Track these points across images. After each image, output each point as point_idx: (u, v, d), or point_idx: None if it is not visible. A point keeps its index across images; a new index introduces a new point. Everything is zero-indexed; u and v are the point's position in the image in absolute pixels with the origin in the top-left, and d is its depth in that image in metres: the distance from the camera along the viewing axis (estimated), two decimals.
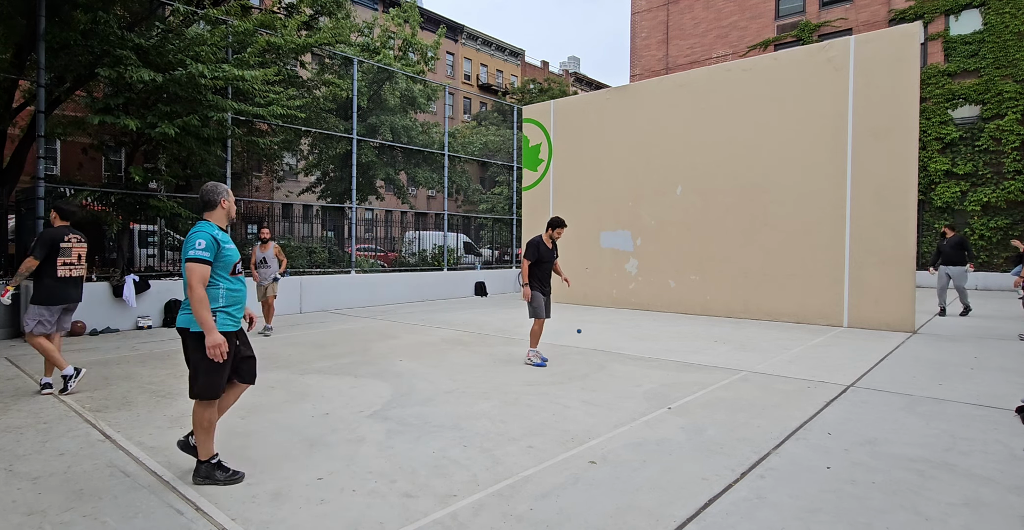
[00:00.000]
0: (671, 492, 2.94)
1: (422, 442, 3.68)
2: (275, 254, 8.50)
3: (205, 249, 2.99)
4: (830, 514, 2.71)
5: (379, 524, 2.61)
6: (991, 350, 7.05)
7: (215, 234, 3.09)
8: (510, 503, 2.81)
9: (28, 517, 2.68)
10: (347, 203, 16.11)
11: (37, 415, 4.30)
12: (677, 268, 11.03)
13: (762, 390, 5.04)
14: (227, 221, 3.29)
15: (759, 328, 8.90)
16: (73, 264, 5.17)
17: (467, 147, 22.41)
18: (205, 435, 3.10)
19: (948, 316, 10.50)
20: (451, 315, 10.61)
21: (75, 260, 5.19)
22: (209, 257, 3.00)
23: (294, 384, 5.26)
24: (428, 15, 32.60)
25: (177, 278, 10.00)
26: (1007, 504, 2.82)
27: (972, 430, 3.95)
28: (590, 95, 13.09)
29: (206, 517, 2.68)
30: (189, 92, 8.79)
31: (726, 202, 10.34)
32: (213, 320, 2.97)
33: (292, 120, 11.57)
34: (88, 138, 11.81)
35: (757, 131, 9.99)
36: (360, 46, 17.33)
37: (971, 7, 18.16)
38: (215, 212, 3.21)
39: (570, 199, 12.85)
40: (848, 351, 6.96)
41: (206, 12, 9.95)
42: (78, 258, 5.21)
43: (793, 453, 3.50)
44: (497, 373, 5.72)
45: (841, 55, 9.13)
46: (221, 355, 2.95)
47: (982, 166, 17.77)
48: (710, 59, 23.35)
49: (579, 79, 46.00)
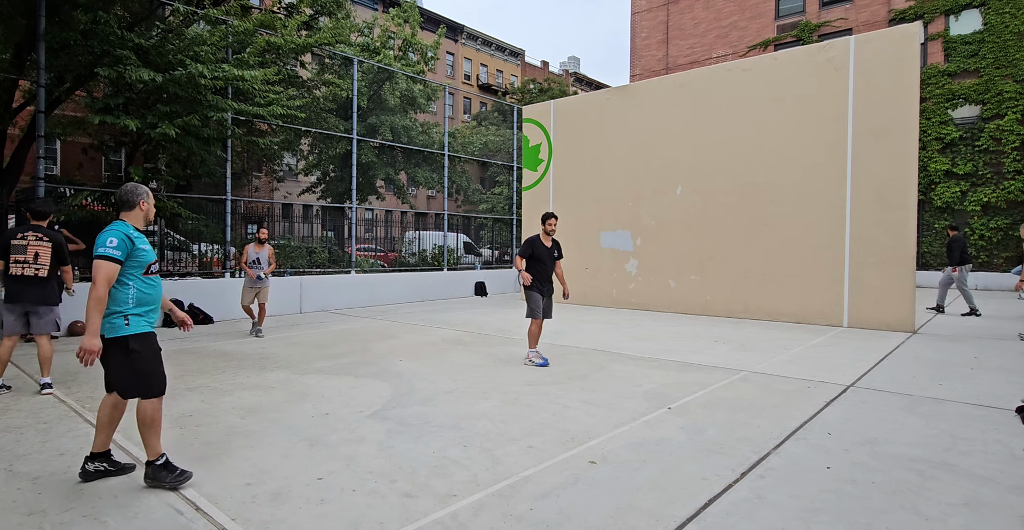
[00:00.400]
0: (671, 492, 2.94)
1: (422, 442, 3.68)
2: (268, 257, 8.31)
3: (116, 247, 2.96)
4: (830, 514, 2.71)
5: (379, 524, 2.61)
6: (991, 350, 7.05)
7: (129, 233, 3.05)
8: (510, 503, 2.82)
9: (28, 517, 2.68)
10: (347, 203, 16.12)
11: (37, 415, 4.30)
12: (677, 268, 11.03)
13: (762, 390, 5.04)
14: (145, 223, 3.25)
15: (759, 328, 8.90)
16: (27, 262, 4.98)
17: (467, 147, 22.41)
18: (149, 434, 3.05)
19: (948, 316, 10.51)
20: (451, 315, 10.61)
21: (30, 258, 4.99)
22: (120, 256, 2.97)
23: (294, 384, 5.26)
24: (428, 15, 32.61)
25: (178, 278, 10.01)
26: (1007, 504, 2.82)
27: (972, 430, 3.95)
28: (590, 95, 13.09)
29: (206, 517, 2.68)
30: (189, 92, 8.79)
31: (726, 202, 10.34)
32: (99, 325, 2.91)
33: (292, 120, 11.57)
34: (88, 138, 11.82)
35: (757, 131, 9.99)
36: (360, 46, 17.33)
37: (971, 7, 18.16)
38: (132, 213, 3.18)
39: (570, 199, 12.85)
40: (848, 351, 6.96)
41: (206, 12, 9.95)
42: (35, 257, 5.01)
43: (793, 453, 3.50)
44: (497, 373, 5.72)
45: (841, 55, 9.13)
46: (90, 361, 2.88)
47: (982, 166, 17.77)
48: (710, 59, 23.36)
49: (579, 79, 46.01)
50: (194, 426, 4.02)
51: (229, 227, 10.45)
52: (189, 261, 11.39)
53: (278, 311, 10.54)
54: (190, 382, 5.33)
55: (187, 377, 5.54)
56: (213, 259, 11.17)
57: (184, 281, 9.74)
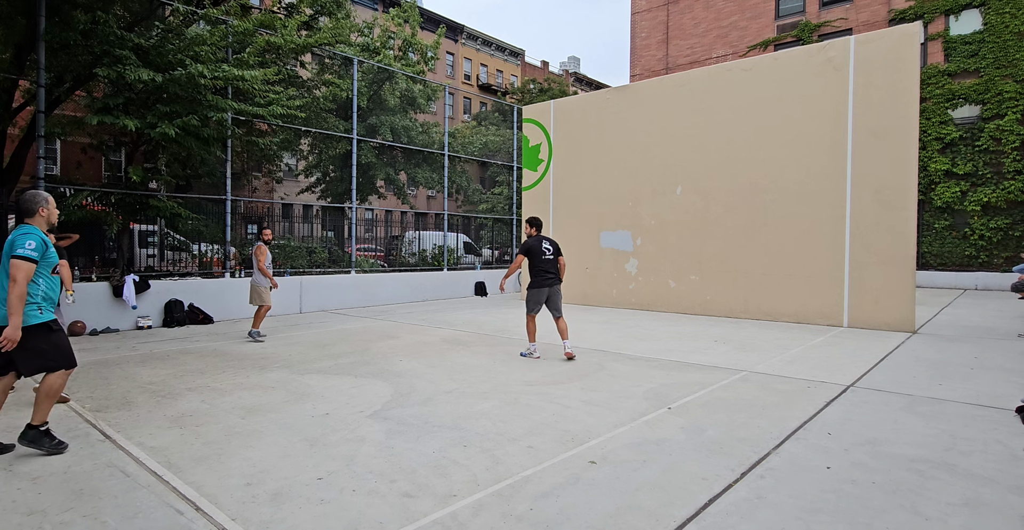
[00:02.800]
0: (671, 492, 2.94)
1: (422, 442, 3.68)
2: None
3: (35, 249, 3.36)
4: (830, 514, 2.71)
5: (379, 524, 2.61)
6: (991, 350, 7.05)
7: (44, 237, 3.45)
8: (510, 503, 2.81)
9: (28, 517, 2.68)
10: (347, 203, 16.12)
11: None
12: (677, 268, 11.03)
13: (762, 390, 5.04)
14: (47, 226, 3.62)
15: (759, 328, 8.90)
16: None
17: (467, 147, 22.40)
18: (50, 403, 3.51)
19: (948, 316, 10.50)
20: (451, 315, 10.61)
21: None
22: (37, 257, 3.37)
23: (294, 384, 5.26)
24: (428, 15, 32.60)
25: (178, 278, 10.01)
26: (1007, 504, 2.82)
27: (972, 430, 3.95)
28: (590, 95, 13.09)
29: (206, 517, 2.68)
30: (189, 92, 8.78)
31: (726, 202, 10.34)
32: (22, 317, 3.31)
33: (292, 120, 11.57)
34: (88, 138, 11.81)
35: (757, 131, 9.98)
36: (360, 46, 17.33)
37: (971, 7, 18.16)
38: (35, 218, 3.55)
39: (570, 199, 12.85)
40: (848, 351, 6.95)
41: (206, 12, 9.95)
42: None
43: (793, 453, 3.50)
44: (497, 373, 5.72)
45: (841, 55, 9.13)
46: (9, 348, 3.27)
47: (982, 166, 17.77)
48: (710, 59, 23.35)
49: (579, 79, 46.00)
50: (194, 426, 4.02)
51: (229, 227, 10.45)
52: (189, 261, 11.40)
53: (278, 311, 10.54)
54: (190, 382, 5.33)
55: (187, 377, 5.54)
56: (213, 259, 11.18)
57: (184, 281, 9.74)
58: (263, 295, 7.88)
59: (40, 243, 3.39)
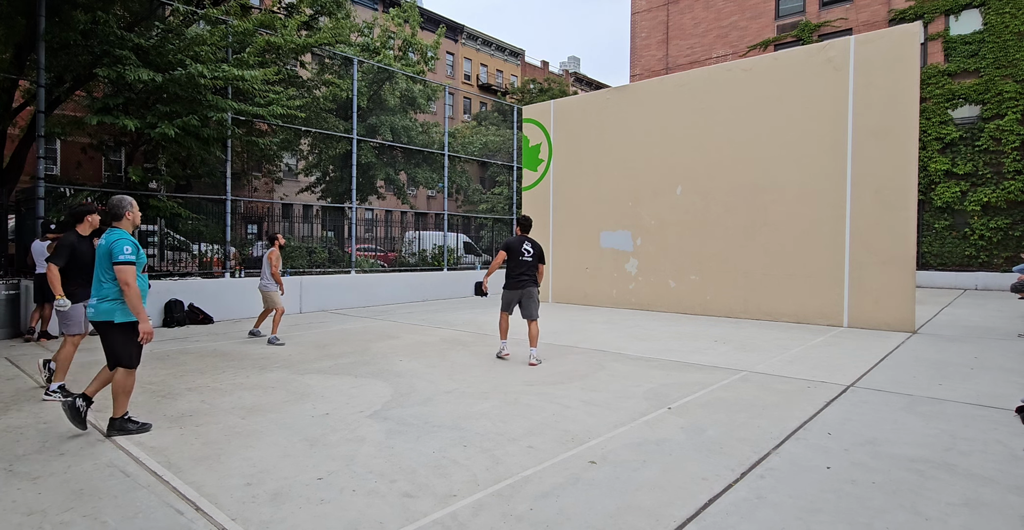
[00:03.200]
0: (671, 492, 2.94)
1: (422, 442, 3.68)
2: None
3: (131, 253, 3.69)
4: (830, 514, 2.71)
5: (379, 524, 2.61)
6: (991, 350, 7.05)
7: (134, 240, 3.76)
8: (510, 503, 2.81)
9: (28, 517, 2.68)
10: (347, 203, 16.12)
11: (37, 415, 4.30)
12: (677, 268, 11.03)
13: (762, 390, 5.04)
14: (132, 228, 3.91)
15: (759, 328, 8.90)
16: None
17: (467, 147, 22.41)
18: (127, 397, 3.84)
19: (948, 316, 10.50)
20: (451, 315, 10.60)
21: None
22: (134, 260, 3.70)
23: (294, 384, 5.25)
24: (428, 15, 32.60)
25: (178, 278, 10.01)
26: (1007, 504, 2.82)
27: (972, 430, 3.95)
28: (590, 95, 13.09)
29: (206, 517, 2.68)
30: (189, 92, 8.79)
31: (726, 202, 10.34)
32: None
33: (292, 120, 11.57)
34: (88, 138, 11.83)
35: (757, 131, 9.98)
36: (360, 46, 17.34)
37: (971, 7, 18.16)
38: (122, 222, 3.84)
39: (570, 199, 12.85)
40: (848, 351, 6.95)
41: (206, 12, 9.95)
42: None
43: (793, 453, 3.50)
44: (497, 373, 5.72)
45: (841, 55, 9.13)
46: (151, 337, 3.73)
47: (982, 166, 17.77)
48: (710, 59, 23.35)
49: (579, 79, 46.01)
50: (194, 426, 4.02)
51: (229, 227, 10.45)
52: (189, 261, 11.40)
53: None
54: (190, 382, 5.33)
55: (187, 377, 5.54)
56: (213, 259, 11.18)
57: (184, 281, 9.74)
58: (275, 299, 7.87)
59: (133, 247, 3.71)
